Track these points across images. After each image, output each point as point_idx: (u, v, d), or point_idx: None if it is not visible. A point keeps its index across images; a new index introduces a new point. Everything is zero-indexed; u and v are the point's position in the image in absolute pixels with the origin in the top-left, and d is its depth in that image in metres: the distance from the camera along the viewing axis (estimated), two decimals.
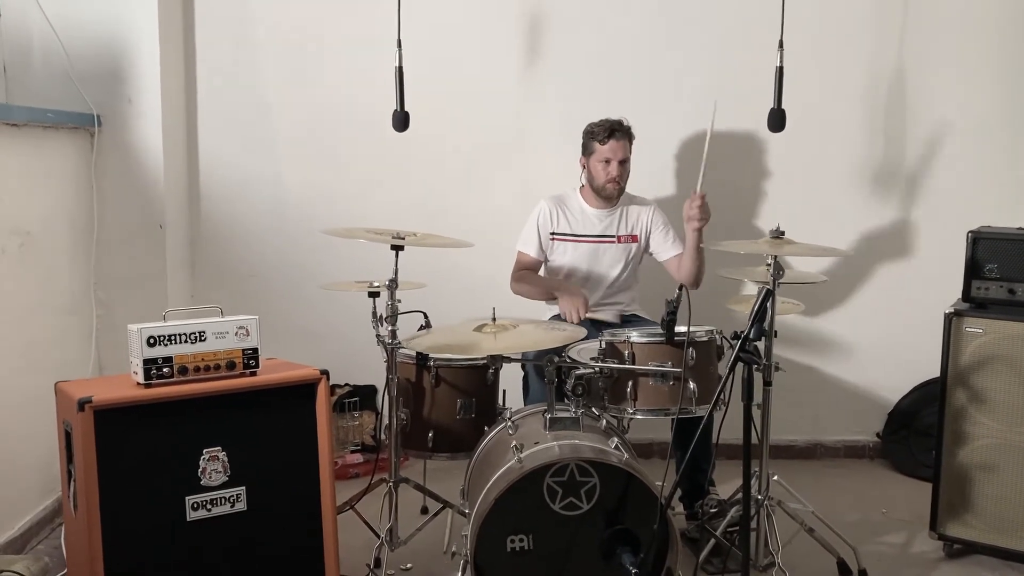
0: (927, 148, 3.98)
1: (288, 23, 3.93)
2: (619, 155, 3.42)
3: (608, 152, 3.42)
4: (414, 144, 3.84)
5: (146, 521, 2.38)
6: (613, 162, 3.42)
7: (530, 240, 3.57)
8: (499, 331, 2.77)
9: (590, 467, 2.43)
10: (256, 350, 2.52)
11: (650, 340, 2.76)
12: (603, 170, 3.45)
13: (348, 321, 3.67)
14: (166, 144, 3.69)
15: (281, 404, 2.57)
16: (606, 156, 3.43)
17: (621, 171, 3.45)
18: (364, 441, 4.01)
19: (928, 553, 3.14)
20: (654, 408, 2.76)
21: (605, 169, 3.44)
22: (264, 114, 3.97)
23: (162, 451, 2.40)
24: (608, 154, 3.42)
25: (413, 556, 2.99)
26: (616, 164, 3.42)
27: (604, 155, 3.43)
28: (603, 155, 3.43)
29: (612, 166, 3.43)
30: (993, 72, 3.94)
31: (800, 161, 3.99)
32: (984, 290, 3.02)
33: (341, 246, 3.45)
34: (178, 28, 3.84)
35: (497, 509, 2.39)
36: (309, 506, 2.61)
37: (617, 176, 3.44)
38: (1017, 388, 2.93)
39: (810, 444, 4.17)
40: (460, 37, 3.96)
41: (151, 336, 2.38)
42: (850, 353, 4.13)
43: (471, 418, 2.98)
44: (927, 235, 4.00)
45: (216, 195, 4.00)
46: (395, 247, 2.83)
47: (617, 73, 3.94)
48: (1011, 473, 2.96)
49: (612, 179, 3.44)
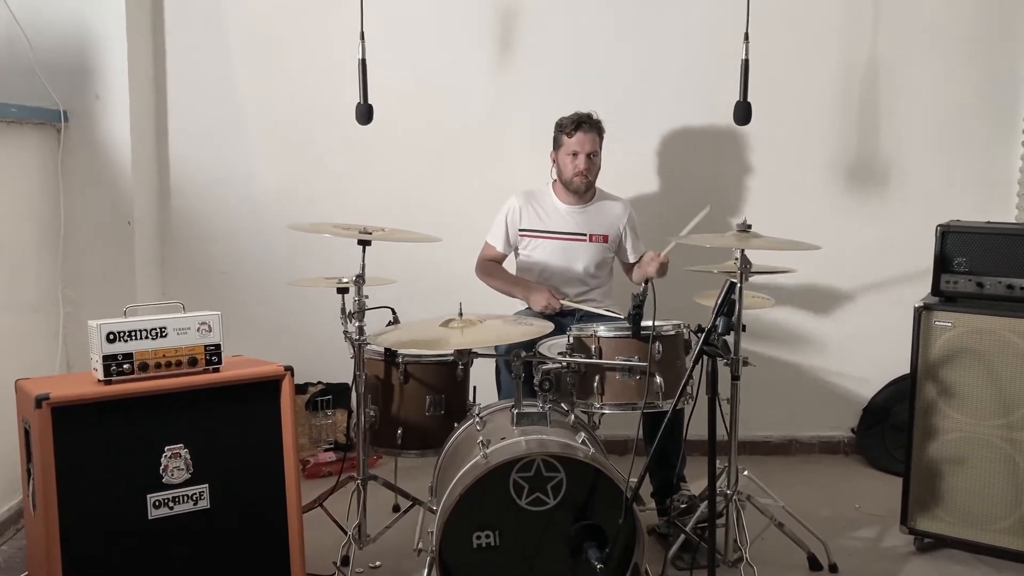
0: (899, 143, 3.98)
1: (259, 17, 3.90)
2: (586, 148, 3.40)
3: (575, 145, 3.41)
4: (386, 139, 3.85)
5: (106, 520, 2.35)
6: (580, 155, 3.41)
7: (498, 234, 3.57)
8: (466, 326, 2.76)
9: (556, 462, 2.42)
10: (218, 346, 2.50)
11: (617, 335, 2.75)
12: (571, 163, 3.43)
13: (321, 318, 3.61)
14: (135, 140, 3.66)
15: (245, 401, 2.54)
16: (573, 149, 3.41)
17: (589, 164, 3.43)
18: (337, 439, 3.99)
19: (899, 547, 3.14)
20: (621, 403, 2.75)
21: (572, 162, 3.43)
22: (235, 110, 3.94)
23: (123, 448, 2.37)
24: (575, 147, 3.41)
25: (382, 554, 2.96)
26: (583, 157, 3.41)
27: (571, 148, 3.42)
28: (571, 148, 3.42)
29: (579, 159, 3.41)
30: (965, 67, 3.95)
31: (773, 156, 4.00)
32: (953, 284, 3.03)
33: (313, 242, 3.45)
34: (147, 23, 3.81)
35: (463, 505, 2.37)
36: (274, 504, 2.58)
37: (584, 169, 3.42)
38: (985, 382, 2.93)
39: (785, 440, 4.17)
40: (431, 31, 3.94)
41: (111, 332, 2.36)
42: (826, 348, 4.13)
43: (440, 415, 2.97)
44: (902, 229, 4.00)
45: (186, 191, 3.96)
46: (362, 242, 2.80)
47: (589, 69, 3.93)
48: (979, 467, 2.96)
49: (579, 172, 3.42)
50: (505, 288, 3.53)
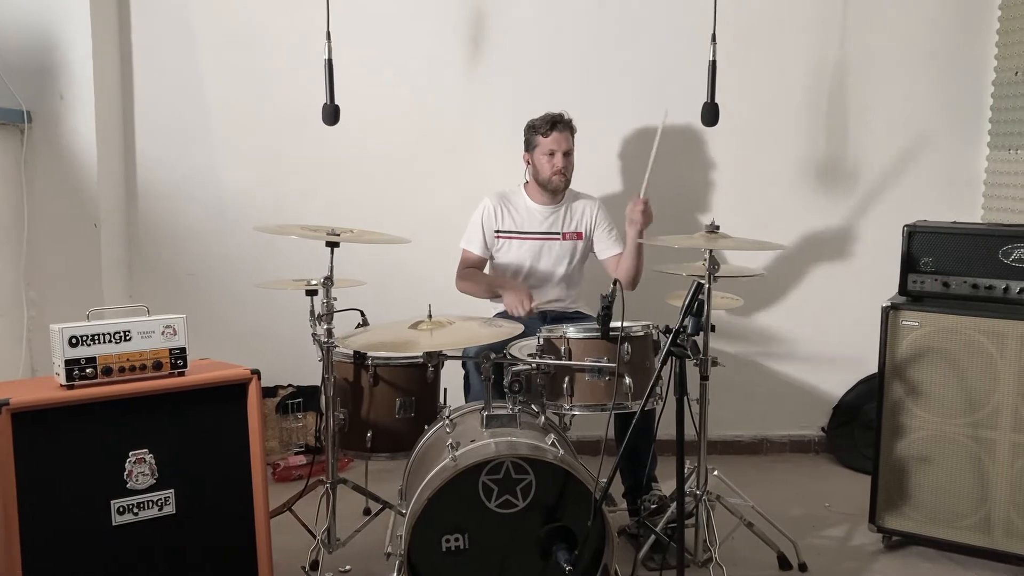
0: (867, 143, 4.02)
1: (227, 17, 3.87)
2: (563, 146, 3.42)
3: (552, 144, 3.41)
4: (355, 140, 3.82)
5: (68, 526, 2.31)
6: (558, 153, 3.42)
7: (474, 238, 3.55)
8: (435, 328, 2.74)
9: (526, 464, 2.41)
10: (183, 349, 2.47)
11: (586, 336, 2.75)
12: (548, 162, 3.43)
13: (290, 321, 3.59)
14: (100, 141, 3.62)
15: (211, 405, 2.51)
16: (550, 148, 3.42)
17: (566, 163, 3.44)
18: (308, 442, 3.95)
19: (867, 546, 3.16)
20: (591, 404, 2.74)
21: (550, 161, 3.43)
22: (203, 110, 3.91)
23: (85, 454, 2.33)
24: (552, 146, 3.41)
25: (352, 558, 2.94)
26: (560, 155, 3.42)
27: (548, 147, 3.42)
28: (547, 147, 3.42)
29: (557, 157, 3.42)
30: (931, 69, 3.99)
31: (741, 157, 4.02)
32: (920, 283, 3.05)
33: (282, 244, 3.41)
34: (113, 22, 3.76)
35: (431, 508, 2.36)
36: (241, 509, 2.56)
37: (563, 167, 3.43)
38: (951, 380, 2.96)
39: (756, 439, 4.20)
40: (400, 31, 3.92)
41: (73, 336, 2.32)
42: (796, 348, 4.16)
43: (411, 417, 2.95)
44: (869, 229, 4.04)
45: (154, 192, 3.92)
46: (330, 244, 2.78)
47: (561, 70, 3.93)
48: (946, 465, 2.99)
49: (558, 171, 3.43)
50: (485, 290, 3.50)
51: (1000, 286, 2.93)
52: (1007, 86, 3.81)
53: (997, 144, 3.89)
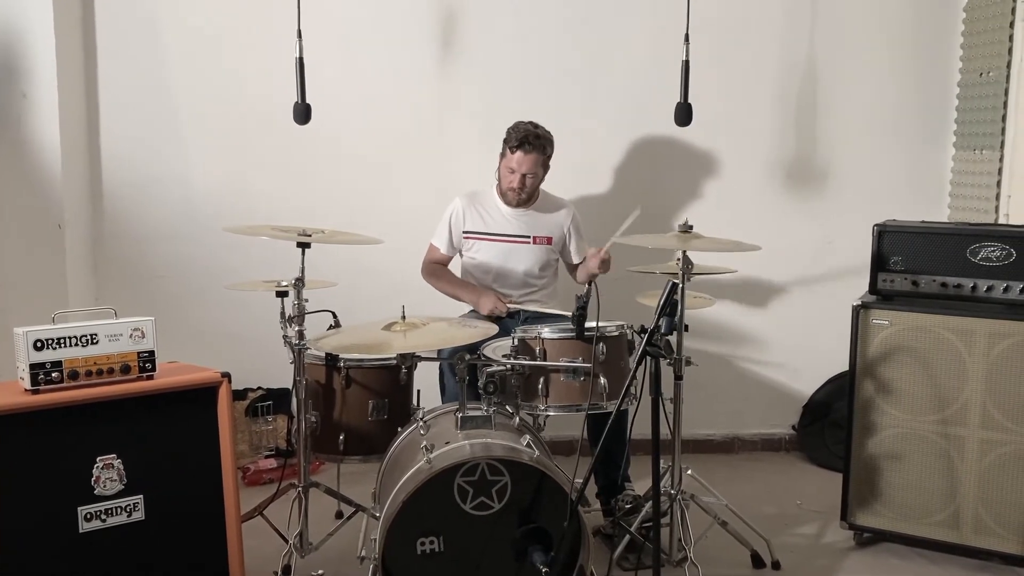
0: (836, 143, 4.05)
1: (194, 15, 3.81)
2: (523, 168, 3.37)
3: (514, 163, 3.38)
4: (326, 140, 3.79)
5: (34, 534, 2.27)
6: (516, 174, 3.39)
7: (442, 236, 3.54)
8: (408, 329, 2.72)
9: (501, 466, 2.40)
10: (152, 352, 2.43)
11: (561, 336, 2.74)
12: (507, 177, 3.43)
13: (261, 323, 3.55)
14: (64, 140, 3.55)
15: (181, 408, 2.49)
16: (511, 166, 3.39)
17: (523, 184, 3.40)
18: (279, 445, 3.91)
19: (839, 543, 3.19)
20: (566, 404, 2.74)
21: (508, 177, 3.42)
22: (170, 109, 3.84)
23: (52, 460, 2.30)
24: (513, 165, 3.38)
25: (326, 562, 2.90)
26: (519, 177, 3.39)
27: (511, 164, 3.40)
28: (510, 164, 3.40)
29: (514, 178, 3.40)
30: (900, 69, 4.03)
31: (713, 157, 4.03)
32: (890, 282, 3.08)
33: (252, 245, 3.37)
34: (76, 19, 3.69)
35: (406, 511, 2.34)
36: (212, 514, 2.53)
37: (518, 188, 3.41)
38: (921, 378, 2.99)
39: (728, 438, 4.22)
40: (372, 30, 3.89)
41: (38, 340, 2.28)
42: (767, 347, 4.18)
43: (384, 419, 2.92)
44: (840, 228, 4.06)
45: (120, 193, 3.85)
46: (301, 244, 2.75)
47: (533, 70, 3.92)
48: (916, 462, 3.02)
49: (512, 189, 3.42)
50: (452, 291, 3.50)
51: (968, 284, 2.96)
52: (972, 87, 3.86)
53: (963, 144, 3.94)
